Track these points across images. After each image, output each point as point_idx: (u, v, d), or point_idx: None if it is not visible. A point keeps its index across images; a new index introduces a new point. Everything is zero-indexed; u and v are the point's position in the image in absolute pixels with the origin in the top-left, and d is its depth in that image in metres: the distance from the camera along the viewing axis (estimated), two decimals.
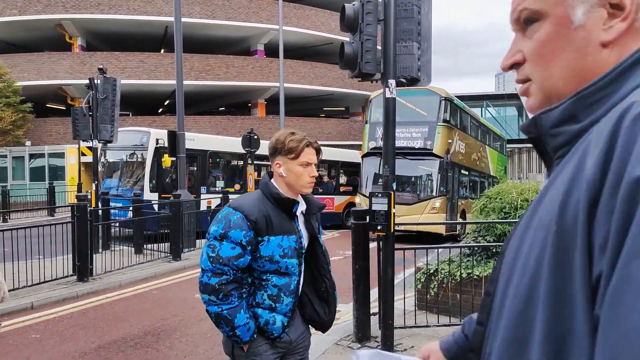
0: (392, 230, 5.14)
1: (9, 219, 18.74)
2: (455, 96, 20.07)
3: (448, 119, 15.25)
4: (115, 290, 8.37)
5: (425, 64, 5.48)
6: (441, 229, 14.26)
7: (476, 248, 6.38)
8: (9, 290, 7.42)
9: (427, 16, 5.43)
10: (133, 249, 11.21)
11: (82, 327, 6.39)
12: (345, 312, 6.95)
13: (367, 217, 5.32)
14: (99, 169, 15.14)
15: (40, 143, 27.55)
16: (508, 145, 41.42)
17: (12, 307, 6.95)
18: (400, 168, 15.43)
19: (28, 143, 26.87)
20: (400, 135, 14.09)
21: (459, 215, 15.63)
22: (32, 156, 28.06)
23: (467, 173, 17.22)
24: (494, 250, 6.27)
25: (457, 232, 14.89)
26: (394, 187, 5.27)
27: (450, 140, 15.04)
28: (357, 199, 16.00)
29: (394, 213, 5.12)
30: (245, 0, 30.18)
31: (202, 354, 5.45)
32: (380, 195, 5.13)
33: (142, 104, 33.05)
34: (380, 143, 14.82)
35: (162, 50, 31.46)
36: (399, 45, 5.28)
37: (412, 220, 14.05)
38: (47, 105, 32.06)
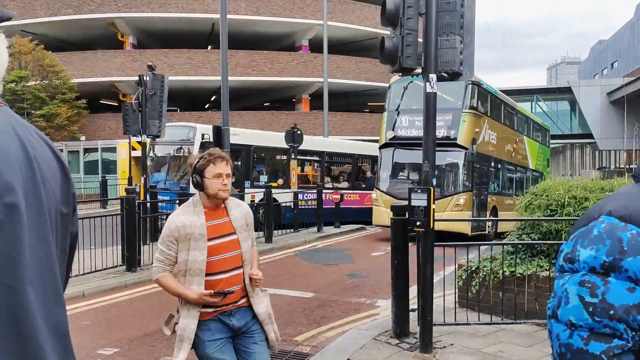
0: (431, 227, 5.10)
1: None
2: (504, 90, 19.04)
3: (475, 105, 13.77)
4: None
5: (468, 58, 5.39)
6: (466, 229, 12.61)
7: (520, 246, 6.24)
8: None
9: (470, 9, 5.33)
10: None
11: (129, 315, 6.65)
12: (385, 307, 6.94)
13: (407, 213, 5.29)
14: (148, 163, 15.63)
15: (94, 138, 28.61)
16: (560, 141, 40.27)
17: (65, 295, 7.27)
18: (420, 160, 14.21)
19: (83, 138, 27.95)
20: (421, 124, 13.57)
21: (489, 212, 14.23)
22: (87, 150, 29.20)
23: (499, 166, 15.65)
24: (539, 248, 6.12)
25: (487, 232, 13.68)
26: (434, 183, 5.23)
27: (477, 129, 13.62)
28: (374, 195, 14.56)
29: (433, 209, 5.07)
30: None
31: None
32: (419, 190, 5.09)
33: (189, 100, 33.80)
34: (399, 132, 13.76)
35: (209, 47, 32.04)
36: (440, 39, 5.21)
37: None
38: (101, 101, 33.25)
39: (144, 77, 12.67)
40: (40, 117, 24.44)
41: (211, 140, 13.55)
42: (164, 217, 13.25)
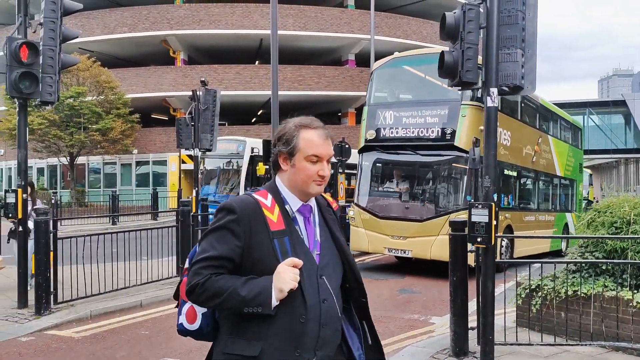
0: (492, 243, 5.00)
1: (118, 221, 20.20)
2: (555, 103, 17.79)
3: (480, 95, 10.83)
4: None
5: (529, 72, 5.29)
6: (469, 257, 9.14)
7: (583, 264, 6.02)
8: (122, 289, 8.01)
9: (532, 22, 5.24)
10: None
11: None
12: (440, 324, 6.82)
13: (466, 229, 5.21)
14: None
15: (146, 151, 29.49)
16: (614, 156, 38.79)
17: (124, 304, 7.52)
18: (408, 168, 11.42)
19: (135, 151, 28.85)
20: (409, 121, 10.89)
21: (501, 232, 10.56)
22: (138, 163, 30.12)
23: (514, 174, 12.45)
24: (604, 267, 5.89)
25: (500, 259, 9.71)
26: (494, 198, 5.13)
27: (482, 127, 10.15)
28: (351, 212, 11.82)
29: (495, 225, 4.97)
30: (337, 11, 30.63)
31: None
32: (480, 206, 5.00)
33: (237, 114, 34.41)
34: (383, 132, 11.27)
35: (257, 62, 32.63)
36: (501, 52, 5.14)
37: (424, 244, 10.18)
38: (152, 115, 34.29)
39: (197, 92, 13.00)
40: (96, 131, 25.35)
41: (260, 153, 13.78)
42: None
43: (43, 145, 25.85)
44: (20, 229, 7.28)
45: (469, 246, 5.36)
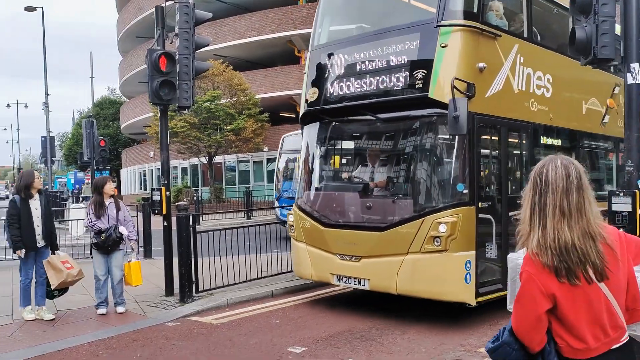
0: (638, 234, 4.52)
1: (252, 216, 21.38)
2: None
3: (476, 10, 6.26)
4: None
5: None
6: (461, 292, 5.99)
7: None
8: (255, 279, 8.48)
9: None
10: None
11: (313, 317, 6.98)
12: None
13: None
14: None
15: (275, 148, 30.81)
16: None
17: (257, 294, 7.97)
18: (362, 143, 7.57)
19: (265, 149, 30.30)
20: (366, 66, 6.82)
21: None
22: (269, 160, 31.60)
23: (565, 144, 7.82)
24: None
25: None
26: (639, 185, 4.59)
27: (481, 64, 6.13)
28: (290, 217, 7.69)
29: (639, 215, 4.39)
30: None
31: (424, 352, 5.50)
32: (622, 194, 4.55)
33: None
34: (329, 89, 7.19)
35: None
36: None
37: (386, 268, 6.32)
38: (280, 114, 35.76)
39: None
40: (230, 131, 27.03)
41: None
42: None
43: (185, 147, 28.11)
44: (166, 224, 8.02)
45: None
